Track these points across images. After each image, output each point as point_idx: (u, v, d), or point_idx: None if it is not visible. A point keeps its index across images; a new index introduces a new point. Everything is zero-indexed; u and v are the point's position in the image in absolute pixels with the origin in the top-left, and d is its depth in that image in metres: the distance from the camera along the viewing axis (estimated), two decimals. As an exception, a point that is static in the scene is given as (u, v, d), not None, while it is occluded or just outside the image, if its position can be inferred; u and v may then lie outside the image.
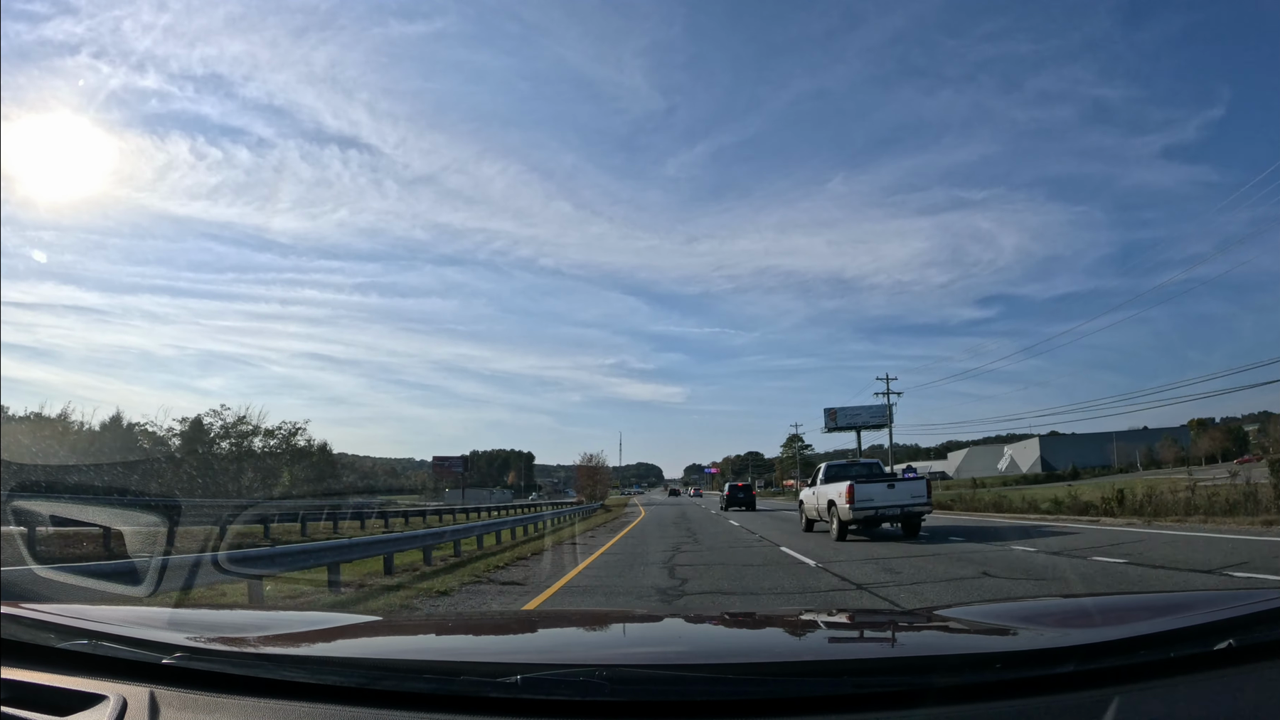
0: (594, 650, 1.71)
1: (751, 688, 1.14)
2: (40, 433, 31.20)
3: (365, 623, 1.98)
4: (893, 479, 15.62)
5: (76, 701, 1.13)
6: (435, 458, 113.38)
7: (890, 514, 14.05)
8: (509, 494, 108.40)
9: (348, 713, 1.10)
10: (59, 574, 5.15)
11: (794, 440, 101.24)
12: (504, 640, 1.89)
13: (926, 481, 15.12)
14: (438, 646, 1.73)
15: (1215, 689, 1.06)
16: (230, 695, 1.15)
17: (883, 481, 14.87)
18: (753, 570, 9.88)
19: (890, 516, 14.13)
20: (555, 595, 8.16)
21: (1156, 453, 75.30)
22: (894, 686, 1.11)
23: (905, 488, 14.56)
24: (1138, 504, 17.10)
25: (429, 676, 1.16)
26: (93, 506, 14.48)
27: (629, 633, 1.93)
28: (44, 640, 1.26)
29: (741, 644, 1.80)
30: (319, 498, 36.41)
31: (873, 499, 13.97)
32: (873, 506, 13.90)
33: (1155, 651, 1.14)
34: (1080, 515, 18.29)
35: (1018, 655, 1.22)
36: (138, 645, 1.25)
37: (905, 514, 14.17)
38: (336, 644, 1.58)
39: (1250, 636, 1.14)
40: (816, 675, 1.20)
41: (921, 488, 14.64)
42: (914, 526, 14.54)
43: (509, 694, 1.10)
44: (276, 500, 32.06)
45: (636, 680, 1.16)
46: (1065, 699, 1.05)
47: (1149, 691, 1.06)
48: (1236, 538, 11.28)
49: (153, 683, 1.18)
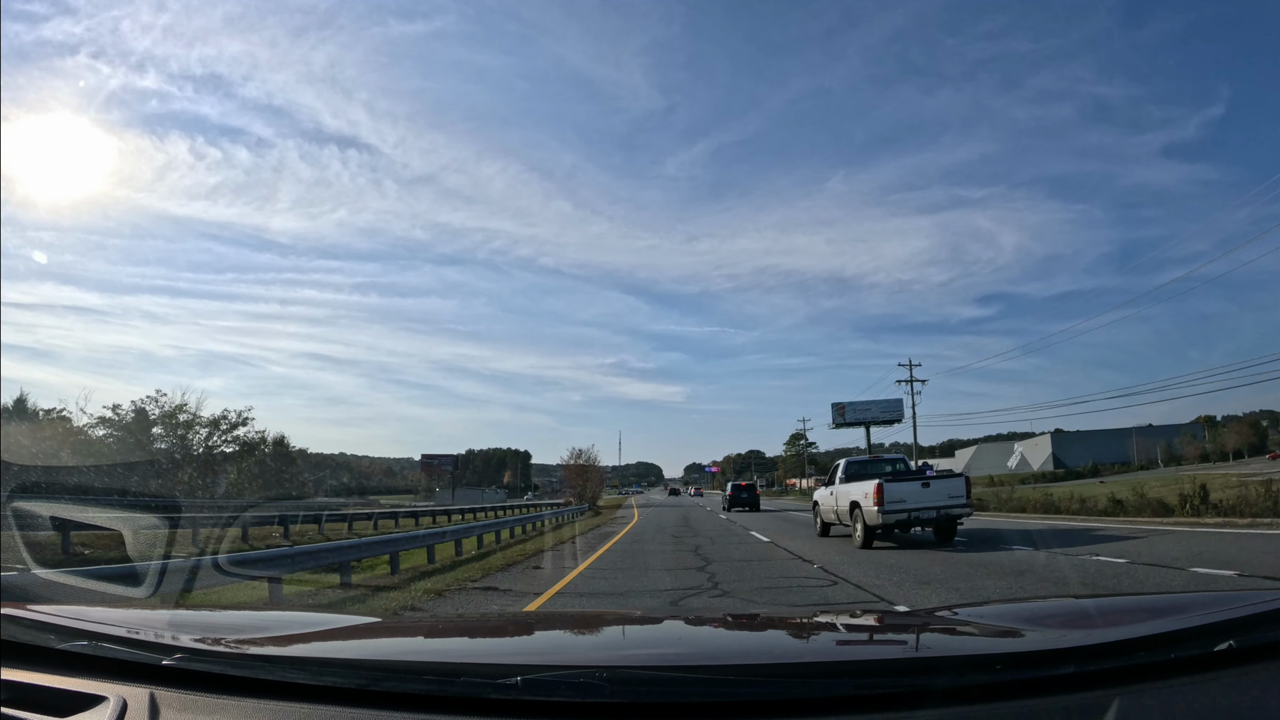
0: (594, 651, 1.71)
1: (752, 689, 1.14)
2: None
3: (365, 624, 1.98)
4: (927, 476, 13.38)
5: (77, 702, 1.14)
6: (424, 456, 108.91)
7: (925, 517, 12.25)
8: (503, 494, 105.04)
9: (348, 714, 1.10)
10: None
11: (797, 438, 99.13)
12: (504, 641, 1.89)
13: (965, 479, 12.99)
14: (438, 648, 1.73)
15: (1216, 690, 1.06)
16: (230, 696, 1.15)
17: (915, 479, 12.95)
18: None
19: (925, 520, 12.34)
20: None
21: (1177, 448, 73.64)
22: (894, 688, 1.11)
23: (941, 486, 12.60)
24: (1234, 502, 14.35)
25: (429, 678, 1.16)
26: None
27: (629, 634, 1.93)
28: (44, 641, 1.27)
29: (742, 645, 1.80)
30: (268, 501, 31.29)
31: (904, 500, 12.17)
32: (905, 509, 12.12)
33: (1156, 653, 1.14)
34: (1153, 517, 15.89)
35: (1018, 656, 1.22)
36: (138, 646, 1.25)
37: (942, 517, 12.36)
38: (336, 645, 1.59)
39: (1251, 637, 1.14)
40: (817, 677, 1.20)
41: (960, 486, 12.66)
42: (950, 531, 12.75)
43: (509, 695, 1.10)
44: (219, 502, 27.99)
45: (636, 681, 1.15)
46: (1066, 700, 1.05)
47: (1150, 693, 1.06)
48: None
49: (153, 684, 1.18)
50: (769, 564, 11.11)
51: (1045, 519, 18.97)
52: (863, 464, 15.84)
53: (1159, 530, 13.41)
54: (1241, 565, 8.00)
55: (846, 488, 14.03)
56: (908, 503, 12.20)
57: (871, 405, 62.25)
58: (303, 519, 24.25)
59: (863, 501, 12.61)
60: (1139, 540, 11.68)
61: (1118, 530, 13.96)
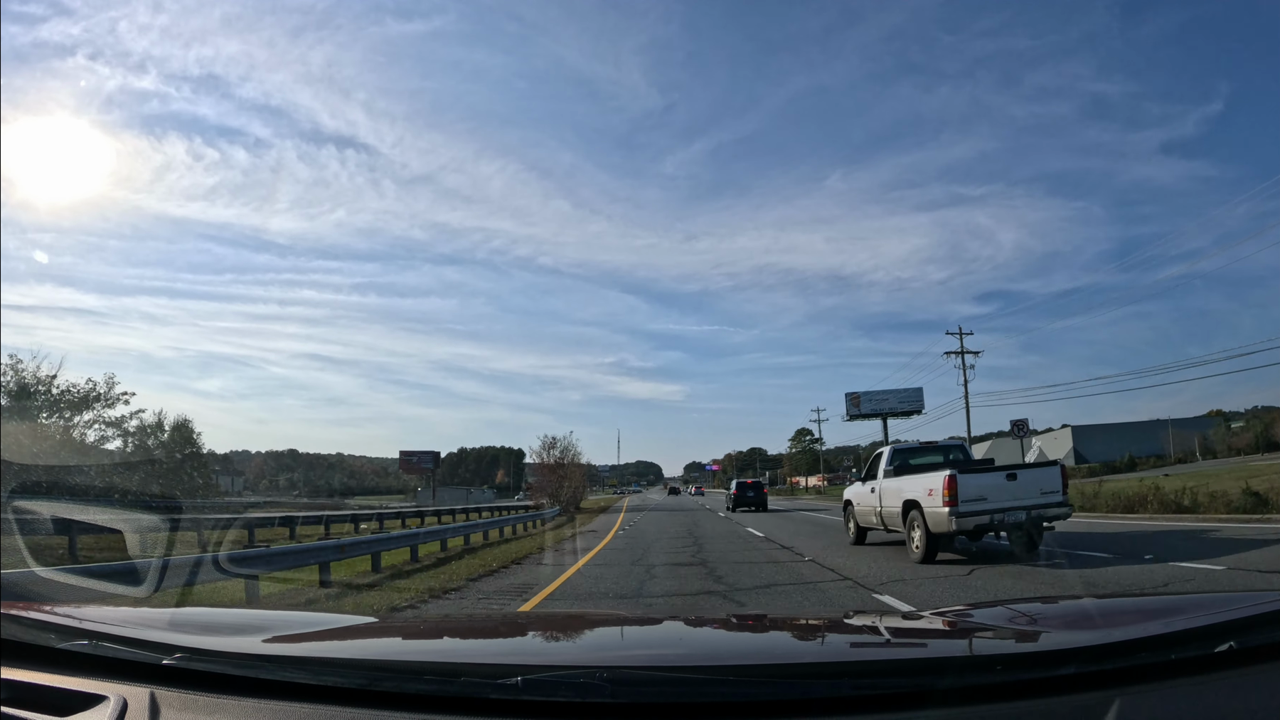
0: (594, 652, 1.72)
1: (752, 689, 1.14)
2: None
3: (366, 624, 1.99)
4: (1012, 467, 10.39)
5: (77, 702, 1.14)
6: (402, 453, 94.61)
7: (1012, 520, 9.33)
8: (492, 494, 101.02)
9: (348, 714, 1.10)
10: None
11: (804, 434, 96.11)
12: (504, 641, 1.89)
13: (1061, 469, 10.03)
14: (438, 648, 1.73)
15: (1217, 691, 1.06)
16: (231, 696, 1.15)
17: (998, 471, 10.02)
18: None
19: (1012, 524, 9.41)
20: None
21: (1211, 441, 70.54)
22: (894, 688, 1.11)
23: (1031, 479, 9.71)
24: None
25: (429, 678, 1.16)
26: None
27: (629, 634, 1.93)
28: (45, 640, 1.27)
29: (742, 646, 1.80)
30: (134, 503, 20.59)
31: (985, 497, 9.31)
32: (986, 509, 9.25)
33: (1157, 654, 1.14)
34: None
35: (1019, 657, 1.22)
36: (138, 646, 1.25)
37: (1033, 519, 9.39)
38: (337, 645, 1.59)
39: (1251, 638, 1.14)
40: (817, 677, 1.20)
41: (1055, 479, 9.72)
42: (1037, 539, 9.72)
43: (509, 695, 1.10)
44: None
45: (637, 682, 1.15)
46: (1067, 701, 1.05)
47: (1150, 694, 1.06)
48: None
49: (153, 683, 1.18)
50: (810, 588, 8.18)
51: (1148, 519, 15.56)
52: (913, 450, 12.61)
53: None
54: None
55: (896, 483, 11.00)
56: (990, 501, 9.32)
57: (889, 395, 58.08)
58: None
59: (925, 500, 9.73)
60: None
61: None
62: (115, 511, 17.07)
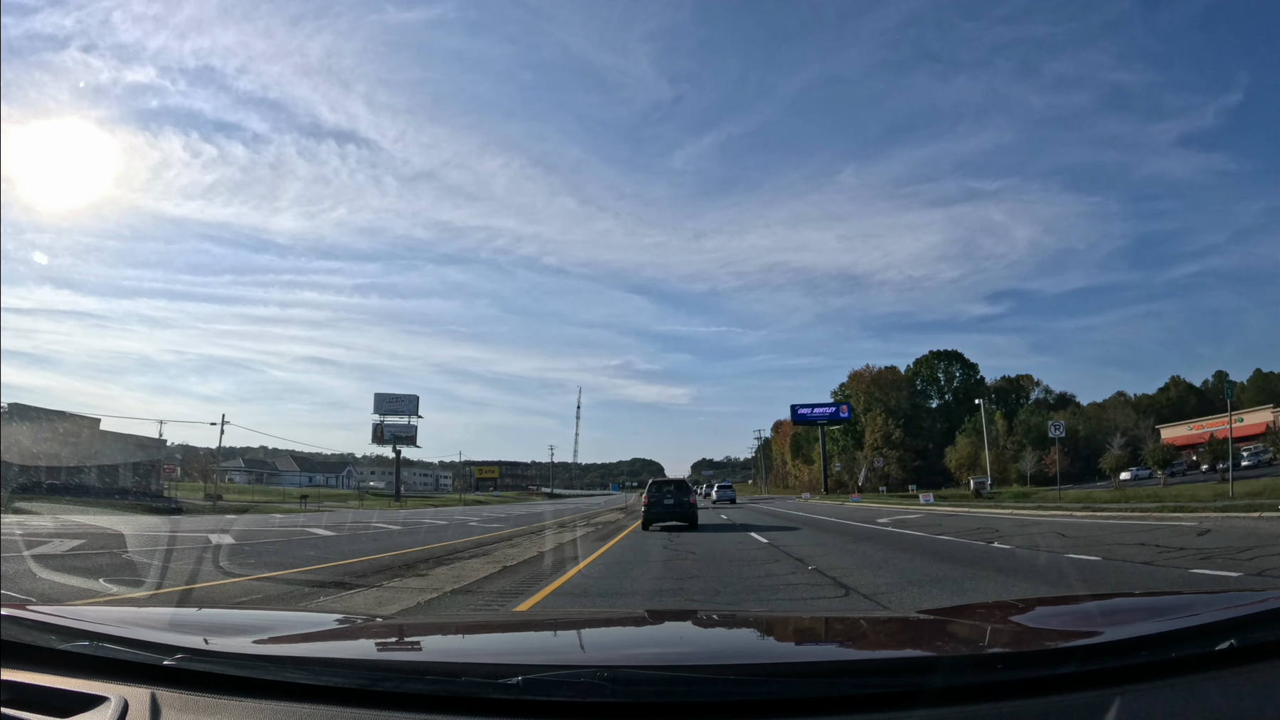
0: (595, 651, 1.72)
1: (752, 688, 1.14)
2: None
3: (366, 624, 1.99)
4: None
5: (78, 703, 1.14)
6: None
7: None
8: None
9: (349, 714, 1.10)
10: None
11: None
12: (505, 641, 1.89)
13: None
14: (439, 647, 1.73)
15: (1217, 690, 1.06)
16: (231, 697, 1.15)
17: None
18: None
19: None
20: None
21: None
22: (895, 687, 1.11)
23: None
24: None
25: (430, 678, 1.16)
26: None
27: (630, 634, 1.93)
28: (45, 642, 1.27)
29: (742, 645, 1.80)
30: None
31: None
32: None
33: (1157, 652, 1.13)
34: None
35: (1020, 656, 1.22)
36: (139, 647, 1.25)
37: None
38: (337, 645, 1.59)
39: (1251, 637, 1.14)
40: (817, 676, 1.20)
41: None
42: None
43: (510, 695, 1.10)
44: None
45: (637, 681, 1.15)
46: (1067, 700, 1.05)
47: (1151, 692, 1.06)
48: None
49: (154, 684, 1.18)
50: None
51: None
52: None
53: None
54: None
55: None
56: None
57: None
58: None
59: None
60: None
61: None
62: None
